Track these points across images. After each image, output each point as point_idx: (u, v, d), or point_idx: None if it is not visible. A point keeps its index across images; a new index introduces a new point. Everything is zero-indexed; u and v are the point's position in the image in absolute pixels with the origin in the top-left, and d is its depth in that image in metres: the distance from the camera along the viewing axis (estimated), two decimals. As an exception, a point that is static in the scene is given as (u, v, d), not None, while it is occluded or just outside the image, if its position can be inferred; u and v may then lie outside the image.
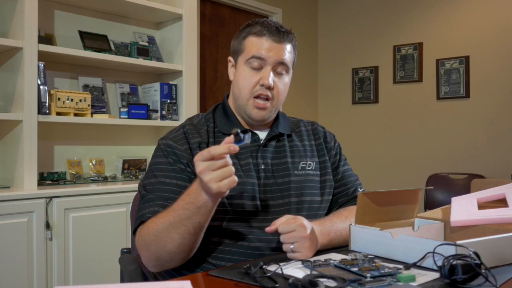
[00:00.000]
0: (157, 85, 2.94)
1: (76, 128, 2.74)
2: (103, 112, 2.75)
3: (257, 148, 1.30)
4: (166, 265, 1.15)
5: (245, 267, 0.94)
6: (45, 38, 2.53)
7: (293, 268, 0.97)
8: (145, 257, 1.15)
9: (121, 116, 2.77)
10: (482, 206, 1.18)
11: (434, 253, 0.92)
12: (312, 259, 1.03)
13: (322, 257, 1.04)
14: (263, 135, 1.33)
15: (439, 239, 1.18)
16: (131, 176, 2.86)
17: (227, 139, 1.01)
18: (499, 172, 3.66)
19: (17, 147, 2.31)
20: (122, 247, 1.56)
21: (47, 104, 2.36)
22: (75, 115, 2.50)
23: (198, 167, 1.00)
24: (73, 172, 2.68)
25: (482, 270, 0.85)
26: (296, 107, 4.36)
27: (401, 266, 0.95)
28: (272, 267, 0.94)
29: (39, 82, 2.34)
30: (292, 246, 1.05)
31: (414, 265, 0.97)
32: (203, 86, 3.74)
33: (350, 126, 4.53)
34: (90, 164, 2.79)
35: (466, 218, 1.10)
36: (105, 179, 2.72)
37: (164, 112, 2.91)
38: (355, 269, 0.92)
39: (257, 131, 1.33)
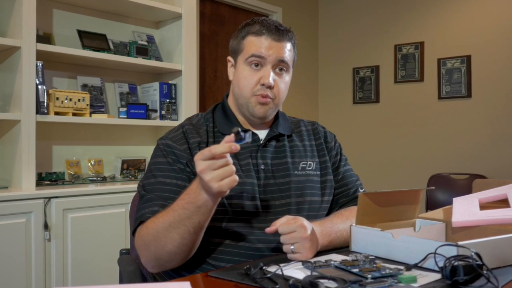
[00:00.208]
0: (156, 85, 2.94)
1: (75, 128, 2.74)
2: (102, 112, 2.75)
3: (256, 148, 1.30)
4: (165, 265, 1.15)
5: (245, 268, 0.94)
6: (44, 37, 2.53)
7: (294, 269, 0.97)
8: (144, 258, 1.15)
9: (120, 116, 2.77)
10: (483, 206, 1.18)
11: (436, 254, 0.92)
12: (312, 260, 1.03)
13: (322, 258, 1.04)
14: (263, 135, 1.33)
15: (440, 239, 1.18)
16: (130, 176, 2.86)
17: (227, 138, 1.01)
18: (501, 173, 3.66)
19: (15, 147, 2.31)
20: (121, 248, 1.56)
21: (45, 103, 2.36)
22: (74, 115, 2.50)
23: (198, 166, 1.00)
24: (71, 172, 2.68)
25: (484, 271, 0.85)
26: (297, 106, 4.36)
27: (402, 267, 0.95)
28: (272, 268, 0.94)
29: (37, 82, 2.34)
30: (292, 247, 1.05)
31: (415, 266, 0.96)
32: (203, 85, 3.74)
33: (351, 126, 4.53)
34: (89, 164, 2.79)
35: (467, 219, 1.10)
36: (104, 180, 2.72)
37: (163, 112, 2.91)
38: (355, 270, 0.92)
39: (257, 131, 1.33)
